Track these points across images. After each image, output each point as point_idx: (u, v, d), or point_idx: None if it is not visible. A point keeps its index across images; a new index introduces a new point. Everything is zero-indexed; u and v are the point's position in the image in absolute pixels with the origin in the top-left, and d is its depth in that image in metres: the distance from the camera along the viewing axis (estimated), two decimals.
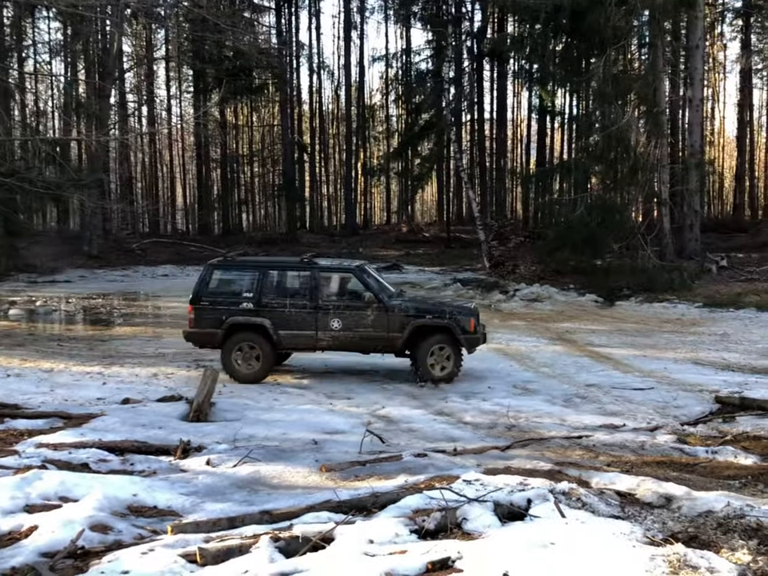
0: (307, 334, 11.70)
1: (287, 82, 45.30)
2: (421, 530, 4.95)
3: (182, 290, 25.61)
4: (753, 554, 4.50)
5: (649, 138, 25.65)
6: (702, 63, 28.72)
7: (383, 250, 40.19)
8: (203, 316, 11.63)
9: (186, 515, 5.71)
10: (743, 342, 15.79)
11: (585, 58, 28.91)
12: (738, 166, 44.05)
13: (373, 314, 11.69)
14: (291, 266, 12.32)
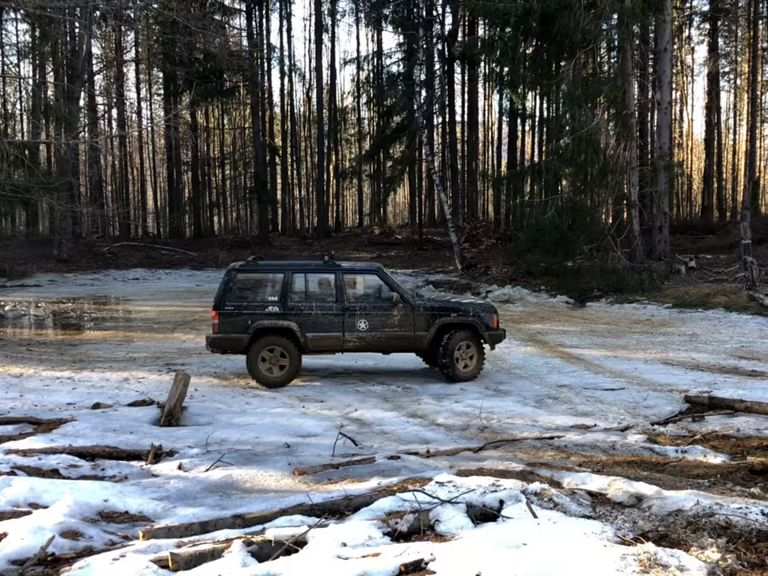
0: (334, 335, 11.76)
1: (258, 84, 45.18)
2: (394, 532, 4.95)
3: (153, 294, 25.54)
4: (722, 551, 4.55)
5: (618, 140, 25.89)
6: (670, 66, 29.04)
7: (355, 252, 40.22)
8: (228, 321, 11.51)
9: (157, 520, 5.67)
10: (712, 342, 15.98)
11: (555, 61, 29.10)
12: (707, 167, 44.58)
13: (399, 314, 11.90)
14: (315, 268, 12.30)
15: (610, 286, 24.45)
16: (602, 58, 30.52)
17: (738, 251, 25.14)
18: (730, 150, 53.65)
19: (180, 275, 32.89)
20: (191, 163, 48.56)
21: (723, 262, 27.44)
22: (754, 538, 4.74)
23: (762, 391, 10.65)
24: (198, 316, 19.60)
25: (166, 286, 28.73)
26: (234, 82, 45.87)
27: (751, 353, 14.63)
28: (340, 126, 52.83)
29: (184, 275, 32.90)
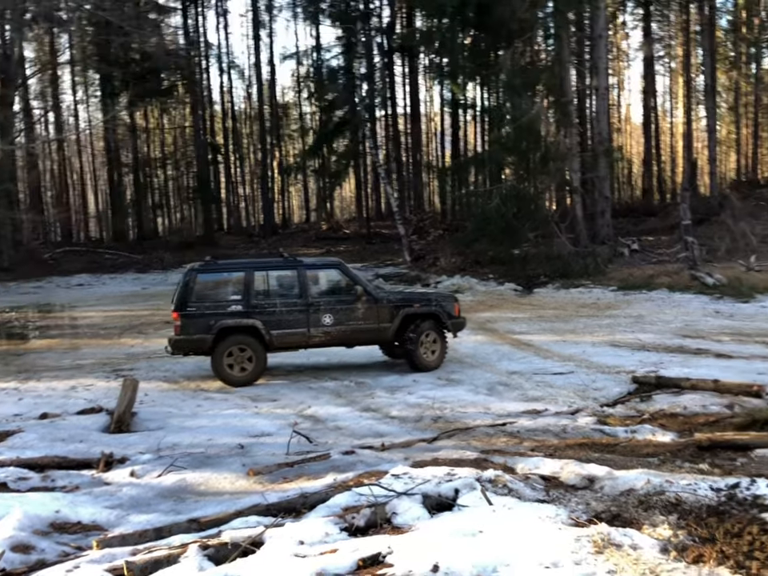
0: (300, 331, 11.73)
1: (197, 82, 44.68)
2: (351, 527, 4.95)
3: (99, 299, 25.12)
4: (673, 528, 4.64)
5: (558, 127, 26.21)
6: (605, 52, 29.45)
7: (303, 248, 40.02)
8: (190, 322, 11.34)
9: (111, 529, 5.59)
10: (657, 323, 16.27)
11: (493, 50, 29.35)
12: (646, 151, 45.29)
13: (363, 307, 11.95)
14: (277, 265, 12.21)
15: (556, 271, 24.75)
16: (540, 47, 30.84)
17: (679, 232, 25.64)
18: (667, 133, 54.58)
19: (125, 279, 32.38)
20: (132, 165, 47.78)
21: (665, 244, 27.95)
22: (704, 514, 4.84)
23: (706, 368, 10.89)
24: (144, 320, 19.33)
25: (112, 291, 28.26)
26: (172, 81, 45.23)
27: (695, 331, 14.94)
28: (282, 122, 52.51)
29: (129, 279, 32.39)
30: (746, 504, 4.91)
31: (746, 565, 4.11)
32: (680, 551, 4.28)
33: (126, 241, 45.57)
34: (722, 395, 9.01)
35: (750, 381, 9.37)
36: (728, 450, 6.62)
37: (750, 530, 4.52)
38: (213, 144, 48.83)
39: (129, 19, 27.26)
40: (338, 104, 40.27)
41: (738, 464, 6.24)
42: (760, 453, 6.40)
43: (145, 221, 48.26)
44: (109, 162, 47.36)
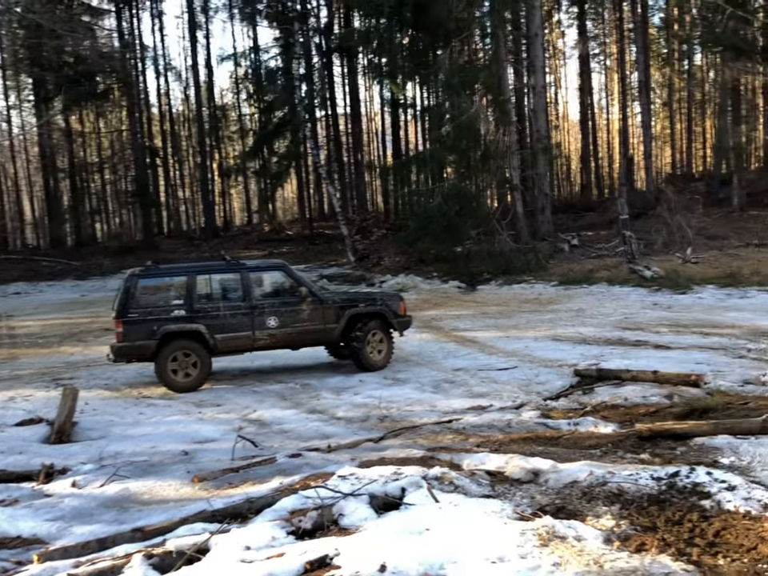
0: (244, 335, 11.62)
1: (133, 85, 44.00)
2: (298, 530, 4.92)
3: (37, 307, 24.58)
4: (616, 518, 4.72)
5: (497, 125, 26.44)
6: (542, 51, 29.85)
7: (246, 250, 39.76)
8: (132, 329, 11.10)
9: (53, 542, 5.47)
10: (597, 316, 16.54)
11: (431, 50, 29.45)
12: (583, 147, 45.98)
13: (308, 308, 11.90)
14: (219, 268, 12.04)
15: (499, 268, 25.00)
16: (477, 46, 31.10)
17: (617, 226, 26.11)
18: (604, 130, 55.55)
19: (64, 286, 31.75)
20: (68, 170, 46.81)
21: (604, 238, 28.42)
22: (646, 503, 4.94)
23: (646, 360, 11.11)
24: (84, 327, 18.99)
25: (50, 299, 27.69)
26: (107, 84, 44.45)
27: (634, 323, 15.22)
28: (221, 124, 52.06)
29: (68, 286, 31.76)
30: (686, 492, 5.02)
31: (687, 551, 4.21)
32: (623, 541, 4.36)
33: (64, 247, 44.63)
34: (662, 386, 9.18)
35: (688, 371, 9.59)
36: (668, 440, 6.75)
37: (690, 518, 4.63)
38: (151, 147, 48.17)
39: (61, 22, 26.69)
40: (277, 105, 40.04)
41: (677, 453, 6.36)
42: (699, 441, 6.53)
43: (83, 226, 47.38)
44: (44, 167, 46.29)
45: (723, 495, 4.86)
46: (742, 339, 12.76)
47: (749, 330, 13.71)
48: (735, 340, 12.73)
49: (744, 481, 5.10)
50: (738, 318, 15.17)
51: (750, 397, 8.24)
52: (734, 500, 4.78)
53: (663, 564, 4.01)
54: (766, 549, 4.13)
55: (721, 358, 11.23)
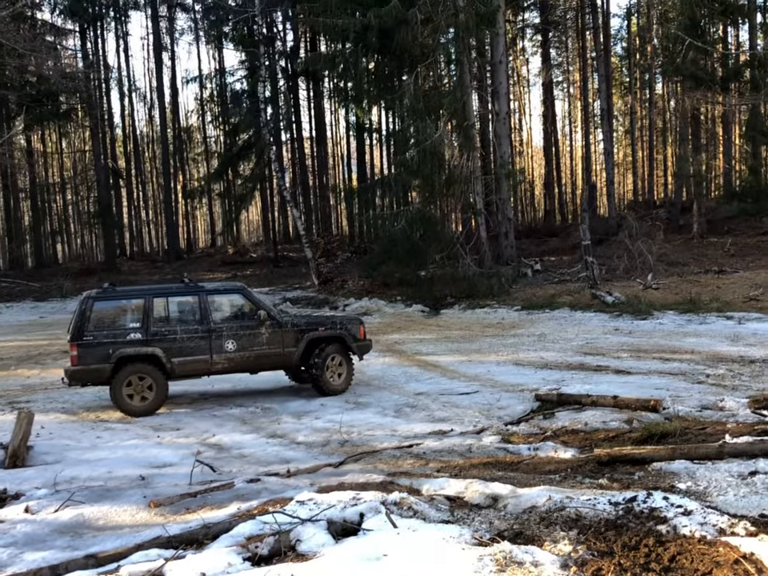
0: (201, 358, 11.48)
1: (96, 106, 43.72)
2: (254, 556, 4.87)
3: None
4: (573, 543, 4.72)
5: (461, 151, 26.65)
6: (506, 78, 30.22)
7: (209, 273, 39.54)
8: (87, 352, 10.95)
9: (4, 568, 5.34)
10: (559, 341, 16.64)
11: (397, 75, 29.74)
12: (547, 173, 46.54)
13: (267, 332, 11.80)
14: (177, 291, 11.93)
15: (462, 292, 25.11)
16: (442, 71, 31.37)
17: (580, 252, 26.37)
18: (567, 156, 56.24)
19: (22, 308, 31.29)
20: (29, 190, 46.30)
21: (566, 263, 28.70)
22: (603, 528, 4.95)
23: (606, 384, 11.19)
24: (42, 350, 18.69)
25: (7, 320, 27.26)
26: (70, 104, 44.13)
27: (595, 348, 15.34)
28: (186, 146, 51.92)
29: (27, 308, 31.32)
30: (643, 517, 5.04)
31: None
32: (580, 566, 4.36)
33: (24, 268, 44.08)
34: (621, 411, 9.24)
35: (647, 396, 9.66)
36: (626, 464, 6.78)
37: (647, 542, 4.65)
38: (114, 168, 47.85)
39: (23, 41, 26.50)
40: (242, 127, 40.02)
41: (635, 478, 6.39)
42: (657, 466, 6.57)
43: (43, 247, 46.79)
44: (5, 187, 45.65)
45: (679, 520, 4.89)
46: (701, 365, 12.91)
47: (708, 355, 13.87)
48: (694, 365, 12.87)
49: (700, 506, 5.13)
50: (697, 343, 15.35)
51: (708, 422, 8.31)
52: (689, 525, 4.80)
53: None
54: (721, 573, 4.16)
55: (680, 384, 11.34)
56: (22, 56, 27.73)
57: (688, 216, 33.51)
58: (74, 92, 40.33)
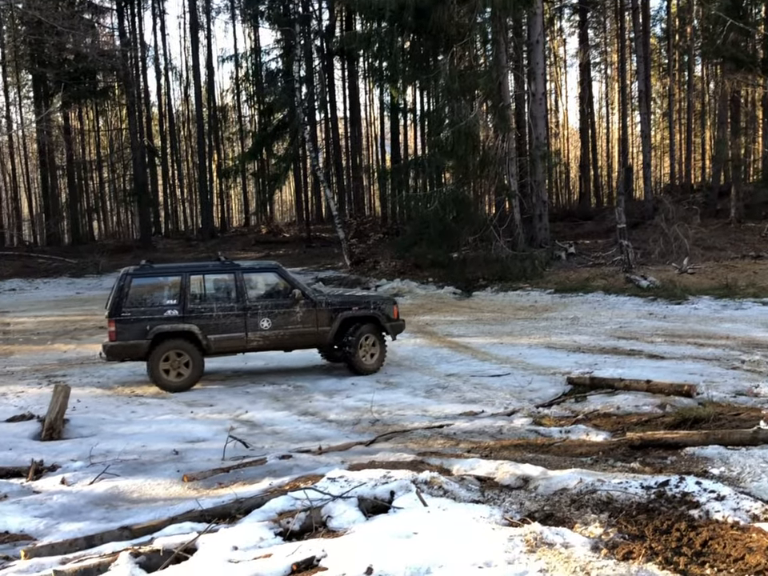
0: (237, 336, 11.62)
1: (133, 84, 44.02)
2: (286, 531, 4.92)
3: (32, 304, 24.53)
4: (604, 526, 4.71)
5: (496, 131, 26.44)
6: (543, 58, 29.87)
7: (243, 252, 39.76)
8: (125, 328, 11.09)
9: (40, 538, 5.45)
10: (592, 324, 16.54)
11: (432, 55, 29.48)
12: (582, 156, 46.02)
13: (301, 311, 11.91)
14: (213, 269, 12.05)
15: (495, 274, 25.00)
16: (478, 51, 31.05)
17: (615, 235, 26.12)
18: (604, 138, 55.64)
19: (59, 284, 31.71)
20: (67, 167, 46.77)
21: (601, 247, 28.44)
22: (634, 511, 4.93)
23: (639, 369, 11.10)
24: (78, 325, 18.96)
25: (45, 296, 27.66)
26: (107, 82, 44.52)
27: (629, 332, 15.22)
28: (221, 125, 52.12)
29: (63, 283, 31.73)
30: (675, 501, 5.01)
31: (674, 560, 4.20)
32: (610, 549, 4.35)
33: (61, 245, 44.64)
34: (654, 395, 9.18)
35: (681, 381, 9.58)
36: (659, 449, 6.74)
37: (679, 527, 4.62)
38: (150, 146, 48.17)
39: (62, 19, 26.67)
40: (277, 107, 40.05)
41: (668, 462, 6.35)
42: (689, 451, 6.53)
43: (80, 224, 47.31)
44: (42, 164, 46.26)
45: (712, 505, 4.86)
46: (736, 350, 12.76)
47: (743, 341, 13.71)
48: (729, 351, 12.73)
49: (733, 491, 5.09)
50: (732, 329, 15.18)
51: (742, 408, 8.23)
52: (722, 510, 4.77)
53: (650, 572, 4.01)
54: (753, 559, 4.13)
55: (714, 369, 11.22)
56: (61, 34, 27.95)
57: (725, 200, 33.04)
58: (111, 70, 40.65)
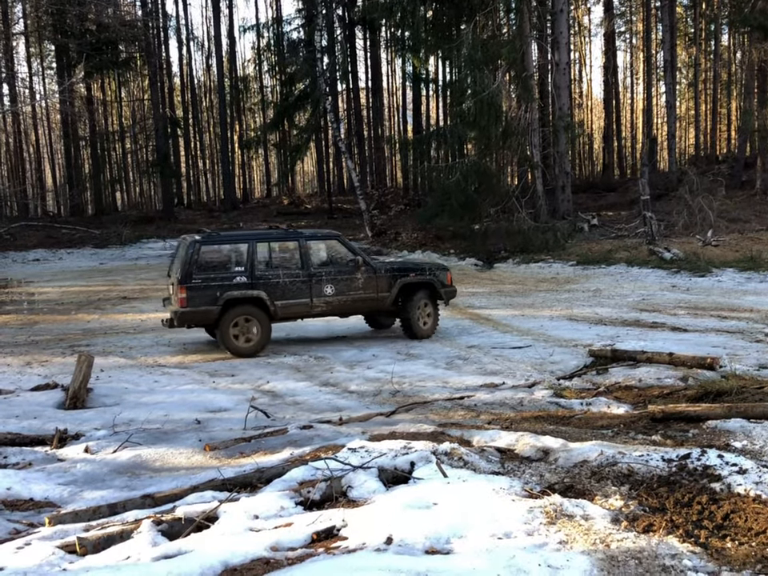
0: (302, 302, 12.01)
1: (155, 54, 43.87)
2: (306, 501, 4.95)
3: (55, 274, 24.75)
4: (624, 498, 4.71)
5: (519, 102, 26.21)
6: (567, 27, 29.45)
7: (264, 223, 39.63)
8: (196, 295, 11.40)
9: (64, 505, 5.53)
10: (614, 297, 16.45)
11: (455, 24, 29.20)
12: (606, 126, 45.53)
13: (362, 277, 12.37)
14: (278, 236, 12.38)
15: (517, 246, 24.89)
16: (501, 20, 30.73)
17: (638, 207, 25.88)
18: (628, 109, 54.93)
19: (83, 254, 31.92)
20: (89, 138, 46.82)
21: (624, 219, 28.19)
22: (655, 484, 4.91)
23: (662, 342, 11.04)
24: (102, 295, 19.11)
25: (69, 266, 27.87)
26: (129, 52, 44.41)
27: (652, 305, 15.13)
28: (242, 95, 51.88)
29: (87, 254, 31.94)
30: (696, 474, 4.99)
31: (695, 533, 4.19)
32: (631, 521, 4.34)
33: (84, 215, 44.84)
34: (677, 368, 9.13)
35: (704, 354, 9.51)
36: (680, 422, 6.72)
37: (700, 500, 4.60)
38: (172, 117, 48.10)
39: None
40: (298, 77, 39.82)
41: (689, 435, 6.33)
42: (711, 424, 6.50)
43: (103, 195, 47.48)
44: (65, 135, 46.34)
45: (734, 478, 4.83)
46: (760, 323, 12.66)
47: (767, 314, 13.59)
48: (753, 324, 12.63)
49: (756, 465, 5.06)
50: (756, 302, 15.04)
51: (765, 381, 8.17)
52: (744, 483, 4.75)
53: (670, 545, 4.00)
54: None
55: (738, 342, 11.14)
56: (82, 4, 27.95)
57: (751, 172, 32.56)
58: (132, 40, 40.54)
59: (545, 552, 3.92)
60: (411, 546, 4.07)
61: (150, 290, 19.92)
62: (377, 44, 43.68)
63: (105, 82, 50.42)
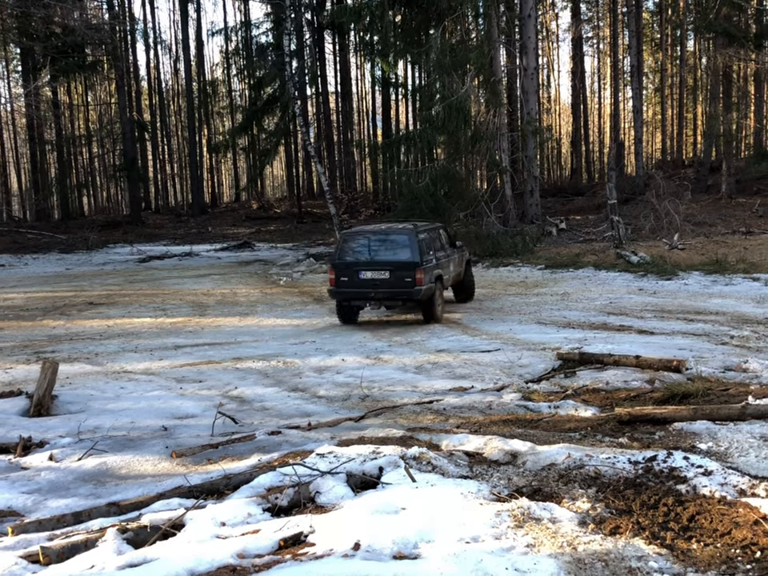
0: (447, 278, 15.06)
1: (122, 58, 43.61)
2: (274, 507, 4.92)
3: (21, 280, 24.43)
4: (591, 501, 4.73)
5: (488, 106, 26.32)
6: (534, 32, 29.66)
7: (233, 227, 39.67)
8: (426, 275, 13.72)
9: (28, 514, 5.45)
10: (582, 300, 16.55)
11: (423, 29, 29.25)
12: (574, 131, 45.98)
13: (458, 255, 16.04)
14: (432, 227, 15.39)
15: (486, 250, 24.96)
16: (469, 25, 30.89)
17: (606, 211, 26.11)
18: (595, 114, 55.47)
19: (48, 259, 31.54)
20: (55, 142, 46.34)
21: (592, 223, 28.44)
22: (622, 486, 4.94)
23: (629, 345, 11.11)
24: (68, 301, 18.88)
25: (34, 272, 27.52)
26: (96, 56, 44.01)
27: (619, 308, 15.24)
28: (210, 99, 51.75)
29: (53, 259, 31.56)
30: (663, 476, 5.03)
31: (661, 535, 4.22)
32: (597, 523, 4.36)
33: (50, 220, 44.41)
34: (644, 370, 9.20)
35: (670, 356, 9.59)
36: (647, 424, 6.76)
37: (666, 502, 4.64)
38: (140, 121, 47.79)
39: None
40: (267, 81, 39.71)
41: (656, 437, 6.37)
42: (677, 426, 6.54)
43: (69, 200, 46.99)
44: (31, 139, 45.85)
45: (699, 480, 4.88)
46: (726, 326, 12.80)
47: (732, 316, 13.75)
48: (719, 326, 12.76)
49: (720, 466, 5.11)
50: (722, 304, 15.21)
51: (731, 383, 8.26)
52: (709, 485, 4.79)
53: (637, 547, 4.02)
54: (740, 534, 4.15)
55: (704, 344, 11.25)
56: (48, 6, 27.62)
57: (717, 176, 33.05)
58: (99, 44, 40.19)
59: (512, 555, 3.93)
60: (379, 552, 4.05)
61: (116, 295, 19.73)
62: (346, 48, 43.73)
63: (71, 86, 49.96)
